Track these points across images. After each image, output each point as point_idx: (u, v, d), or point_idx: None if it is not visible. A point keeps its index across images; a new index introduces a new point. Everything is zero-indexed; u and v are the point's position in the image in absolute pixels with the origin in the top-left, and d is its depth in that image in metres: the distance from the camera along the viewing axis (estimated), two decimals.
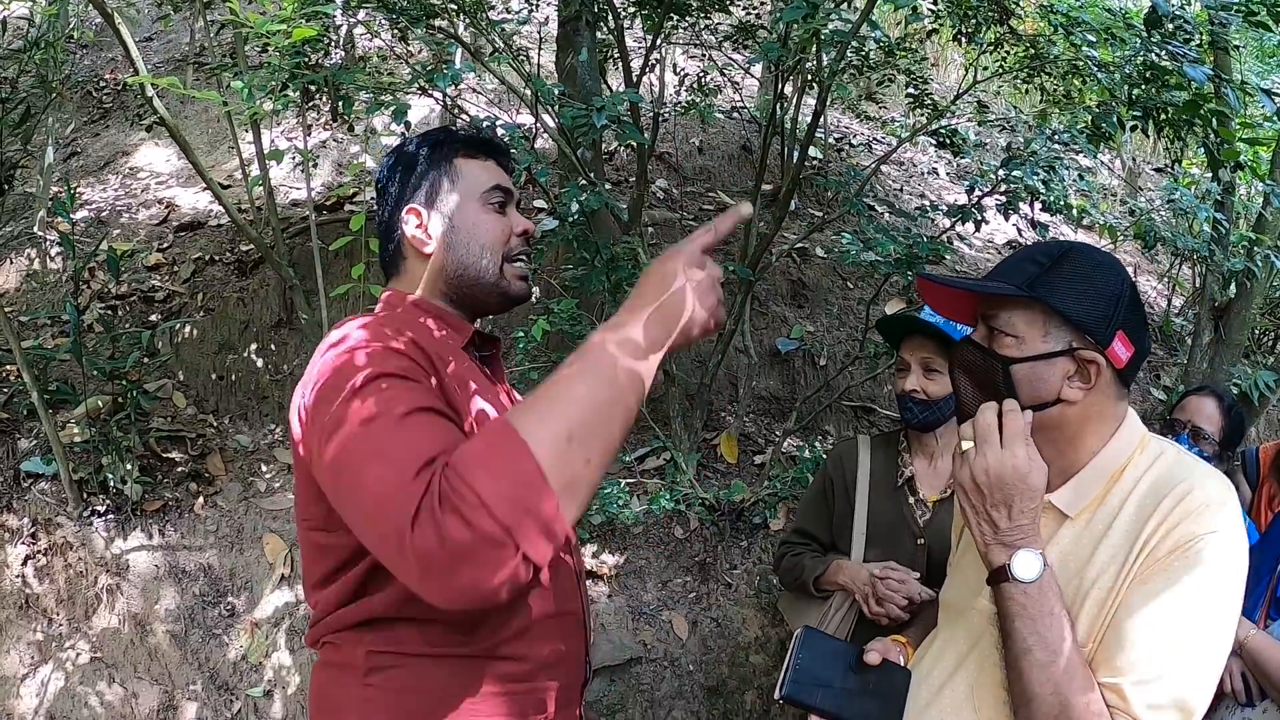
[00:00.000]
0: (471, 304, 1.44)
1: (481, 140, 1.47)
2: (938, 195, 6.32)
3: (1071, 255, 1.28)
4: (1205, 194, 3.90)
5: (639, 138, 2.95)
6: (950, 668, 1.37)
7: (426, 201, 1.41)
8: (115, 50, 6.52)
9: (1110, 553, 1.21)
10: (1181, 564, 1.14)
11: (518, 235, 1.44)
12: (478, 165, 1.44)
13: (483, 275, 1.41)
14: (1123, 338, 1.24)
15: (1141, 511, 1.20)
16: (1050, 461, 1.25)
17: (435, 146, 1.44)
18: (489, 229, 1.41)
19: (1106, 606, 1.19)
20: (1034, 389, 1.25)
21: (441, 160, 1.43)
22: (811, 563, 2.22)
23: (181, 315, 4.47)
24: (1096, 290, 1.24)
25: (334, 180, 5.47)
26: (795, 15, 2.68)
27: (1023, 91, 5.15)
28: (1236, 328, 4.08)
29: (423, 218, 1.41)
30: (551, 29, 4.93)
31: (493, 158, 1.47)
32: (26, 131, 4.31)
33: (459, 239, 1.40)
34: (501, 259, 1.42)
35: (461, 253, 1.40)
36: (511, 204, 1.46)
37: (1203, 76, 2.87)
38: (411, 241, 1.41)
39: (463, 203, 1.41)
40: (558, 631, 1.33)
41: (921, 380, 2.10)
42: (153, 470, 3.65)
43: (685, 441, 3.90)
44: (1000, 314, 1.28)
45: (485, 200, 1.42)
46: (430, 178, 1.42)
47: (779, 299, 4.90)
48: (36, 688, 3.17)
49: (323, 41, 3.47)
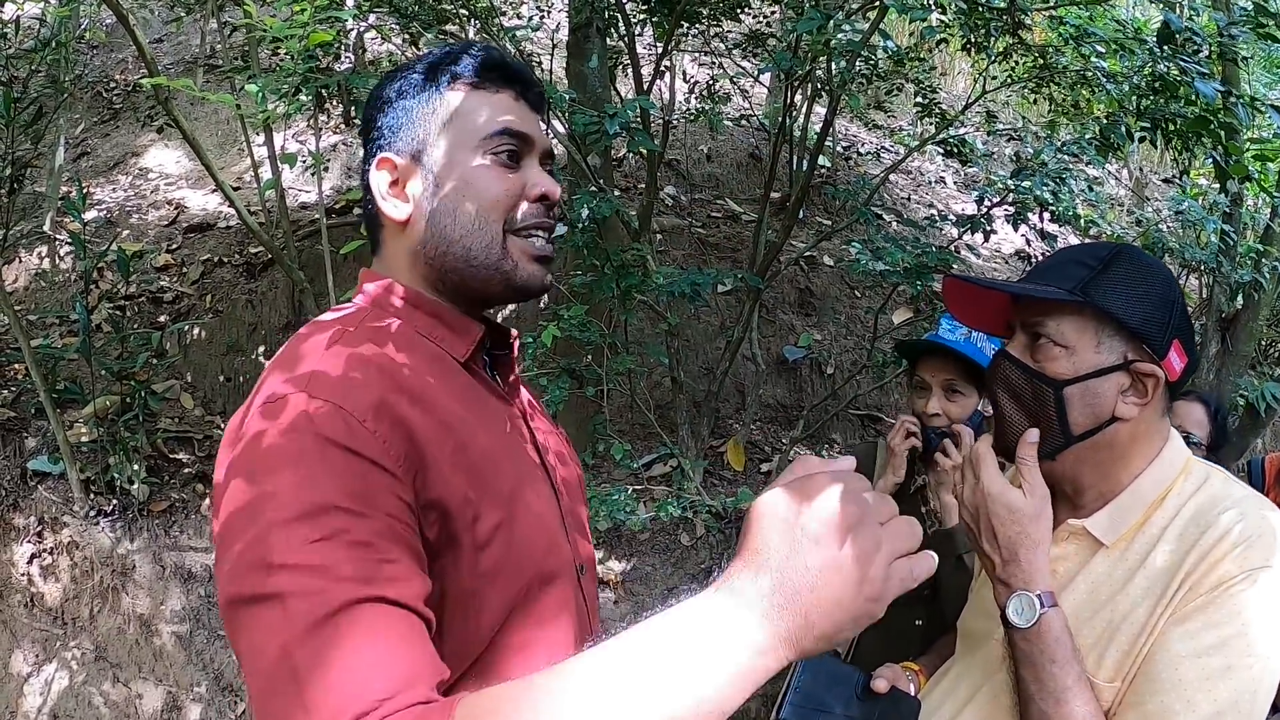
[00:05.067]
0: (467, 294, 1.02)
1: (492, 63, 1.02)
2: (946, 204, 6.32)
3: (1123, 257, 1.15)
4: (1213, 205, 3.90)
5: (651, 145, 2.96)
6: (963, 700, 1.27)
7: (405, 149, 1.00)
8: (126, 51, 6.54)
9: (1146, 585, 1.09)
10: (1225, 602, 1.02)
11: (532, 200, 1.01)
12: (481, 98, 1.00)
13: (474, 254, 0.98)
14: (1178, 347, 1.13)
15: (1183, 542, 1.08)
16: (1091, 485, 1.17)
17: (428, 71, 1.02)
18: (486, 187, 0.98)
19: (1139, 644, 1.06)
20: (1088, 409, 1.13)
21: (430, 88, 1.01)
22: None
23: (190, 316, 4.48)
24: (1153, 295, 1.12)
25: (344, 184, 5.48)
26: (809, 26, 2.69)
27: (1031, 101, 5.16)
28: (1244, 339, 4.08)
29: (397, 172, 1.00)
30: (563, 35, 4.94)
31: (508, 88, 1.02)
32: (38, 131, 4.32)
33: (444, 204, 0.98)
34: (503, 229, 0.99)
35: (445, 223, 0.98)
36: (531, 156, 1.02)
37: (1213, 93, 2.87)
38: (381, 205, 1.00)
39: (452, 149, 0.98)
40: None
41: (943, 403, 1.99)
42: (160, 471, 3.66)
43: (692, 449, 3.90)
44: (1047, 321, 1.14)
45: (486, 147, 0.98)
46: (413, 115, 1.00)
47: (787, 307, 4.91)
48: (41, 686, 3.17)
49: (335, 46, 3.48)
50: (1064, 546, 1.19)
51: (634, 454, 3.98)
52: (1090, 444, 1.14)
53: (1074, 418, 1.13)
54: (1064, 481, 1.20)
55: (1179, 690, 1.01)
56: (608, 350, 3.71)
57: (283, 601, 0.72)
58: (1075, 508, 1.21)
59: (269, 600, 0.72)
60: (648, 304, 3.53)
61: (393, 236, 1.02)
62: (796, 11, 3.23)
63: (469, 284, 1.00)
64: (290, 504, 0.75)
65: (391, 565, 0.76)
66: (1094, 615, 1.11)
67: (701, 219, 5.37)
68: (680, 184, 5.75)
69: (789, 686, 1.37)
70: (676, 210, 5.45)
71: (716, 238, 5.25)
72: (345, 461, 0.79)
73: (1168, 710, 1.01)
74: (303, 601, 0.71)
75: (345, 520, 0.75)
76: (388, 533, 0.78)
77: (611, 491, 3.51)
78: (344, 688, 0.68)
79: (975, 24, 3.63)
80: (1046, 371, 1.15)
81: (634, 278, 3.16)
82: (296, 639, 0.70)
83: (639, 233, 3.60)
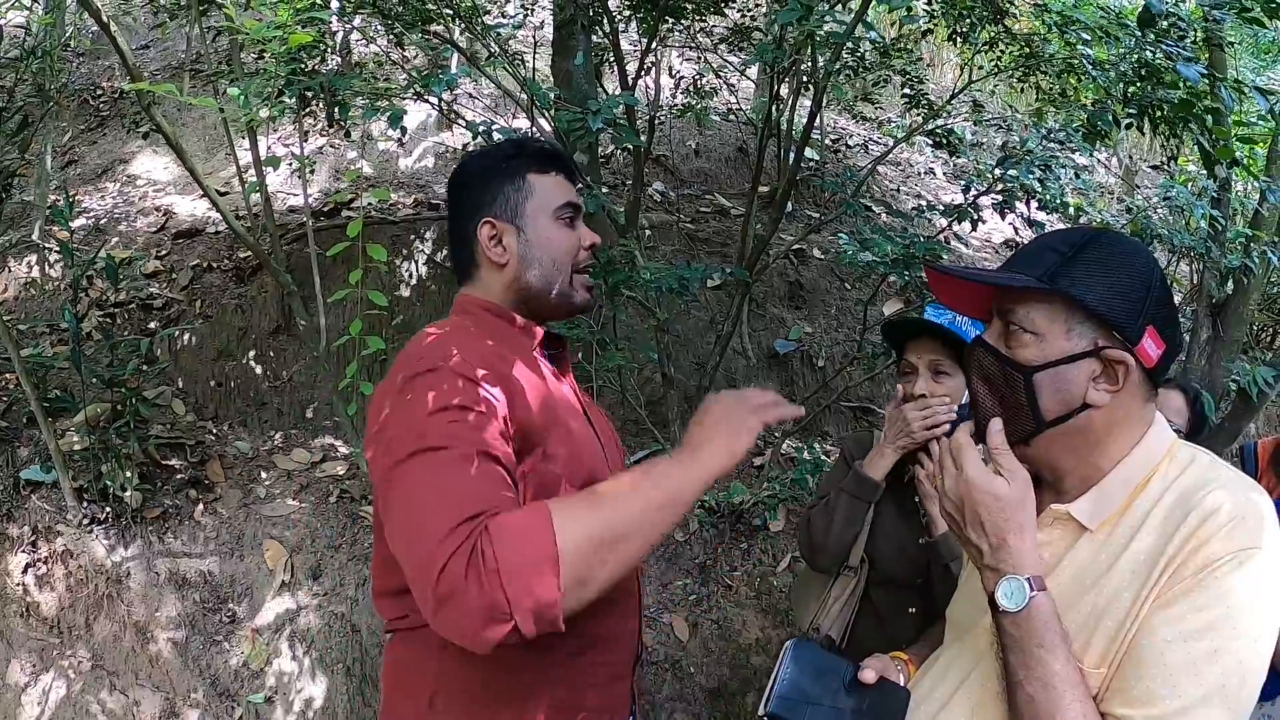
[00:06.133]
0: (539, 312, 1.51)
1: (551, 154, 1.53)
2: (934, 195, 6.33)
3: (1096, 243, 1.15)
4: (1201, 191, 3.89)
5: (636, 140, 2.96)
6: (952, 687, 1.27)
7: (501, 215, 1.47)
8: (112, 58, 6.53)
9: (1130, 570, 1.09)
10: (1210, 584, 1.01)
11: (585, 249, 1.51)
12: (550, 181, 1.50)
13: (555, 288, 1.48)
14: (1153, 333, 1.13)
15: (1167, 524, 1.08)
16: (1070, 470, 1.18)
17: (508, 160, 1.50)
18: (561, 244, 1.48)
19: (1124, 629, 1.07)
20: (1058, 395, 1.14)
21: (515, 175, 1.49)
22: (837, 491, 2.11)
23: (180, 322, 4.47)
24: (1124, 281, 1.12)
25: (331, 186, 5.47)
26: (791, 17, 2.68)
27: (1018, 90, 5.16)
28: (1234, 324, 4.08)
29: (498, 230, 1.47)
30: (547, 33, 4.94)
31: (561, 172, 1.53)
32: (24, 140, 4.31)
33: (534, 254, 1.47)
34: (571, 272, 1.49)
35: (536, 268, 1.47)
36: (579, 216, 1.52)
37: (1196, 76, 2.87)
38: (486, 253, 1.47)
39: (537, 218, 1.47)
40: (616, 610, 1.44)
41: (930, 384, 1.99)
42: (152, 477, 3.65)
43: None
44: (1017, 309, 1.16)
45: (558, 215, 1.48)
46: (505, 192, 1.48)
47: (777, 300, 4.91)
48: (38, 696, 3.17)
49: (319, 47, 3.47)
50: (1048, 532, 1.20)
51: (625, 450, 3.97)
52: (1063, 430, 1.15)
53: (1045, 404, 1.14)
54: (1042, 467, 1.21)
55: (1165, 675, 1.01)
56: (597, 346, 3.71)
57: (435, 452, 1.16)
58: (1058, 493, 1.21)
59: (425, 452, 1.17)
60: (637, 300, 3.53)
61: (491, 273, 1.49)
62: (780, 3, 3.22)
63: (545, 306, 1.50)
64: (433, 404, 1.21)
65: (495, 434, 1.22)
66: (1079, 599, 1.12)
67: (690, 214, 5.37)
68: (668, 179, 5.75)
69: (776, 678, 1.35)
70: (665, 206, 5.45)
71: (705, 232, 5.25)
72: (466, 386, 1.24)
73: (1153, 695, 1.01)
74: (446, 453, 1.16)
75: (468, 418, 1.21)
76: (495, 426, 1.23)
77: None
78: (463, 498, 1.12)
79: (959, 14, 3.63)
80: (1017, 358, 1.16)
81: (621, 274, 3.16)
82: (439, 468, 1.15)
83: (626, 229, 3.59)
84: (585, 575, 1.09)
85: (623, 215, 3.62)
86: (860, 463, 2.11)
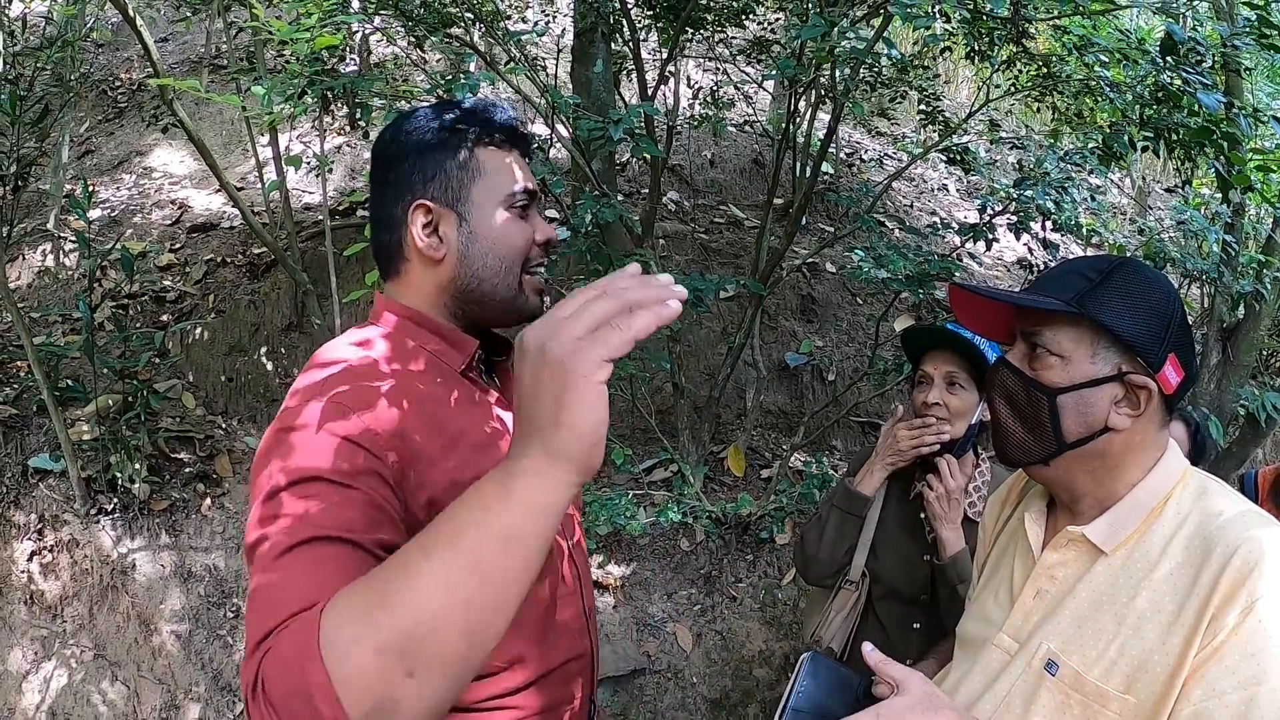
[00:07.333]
0: (478, 318, 1.23)
1: (508, 126, 1.24)
2: (948, 211, 6.33)
3: (1123, 270, 1.17)
4: (1215, 216, 3.90)
5: (655, 151, 2.96)
6: (964, 706, 1.25)
7: (439, 197, 1.18)
8: (131, 50, 6.56)
9: (1155, 598, 1.09)
10: (1253, 628, 1.00)
11: (539, 245, 1.23)
12: (502, 159, 1.22)
13: (498, 290, 1.20)
14: (1174, 361, 1.15)
15: (1190, 558, 1.08)
16: (1087, 492, 1.19)
17: (453, 130, 1.20)
18: (512, 239, 1.20)
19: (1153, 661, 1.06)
20: (1081, 418, 1.16)
21: (460, 148, 1.19)
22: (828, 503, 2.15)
23: (193, 316, 4.49)
24: (1149, 308, 1.15)
25: (347, 185, 5.49)
26: (813, 34, 2.69)
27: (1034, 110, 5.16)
28: (1244, 349, 4.08)
29: (434, 216, 1.18)
30: (567, 40, 4.95)
31: (516, 149, 1.25)
32: (43, 129, 4.33)
33: (477, 249, 1.18)
34: (521, 272, 1.21)
35: (478, 265, 1.19)
36: (534, 205, 1.24)
37: (1216, 104, 2.87)
38: (417, 244, 1.18)
39: (484, 205, 1.19)
40: (559, 680, 1.20)
41: (944, 395, 1.98)
42: (161, 470, 3.66)
43: (693, 454, 3.91)
44: (1044, 331, 1.18)
45: (509, 203, 1.20)
46: (447, 169, 1.19)
47: (789, 314, 4.91)
48: (39, 684, 3.17)
49: (340, 48, 3.49)
50: (1062, 553, 1.21)
51: (634, 458, 3.98)
52: (1082, 452, 1.17)
53: (1067, 425, 1.16)
54: (1058, 488, 1.23)
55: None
56: None
57: (268, 542, 0.91)
58: (1073, 515, 1.23)
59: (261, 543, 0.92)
60: None
61: (423, 268, 1.20)
62: (801, 18, 3.23)
63: (485, 312, 1.22)
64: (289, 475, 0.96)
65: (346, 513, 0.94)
66: (1097, 616, 1.13)
67: (704, 225, 5.38)
68: (683, 189, 5.76)
69: (791, 691, 1.36)
70: (679, 216, 5.46)
71: (719, 243, 5.26)
72: (339, 450, 0.98)
73: None
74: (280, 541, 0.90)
75: (322, 492, 0.94)
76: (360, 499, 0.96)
77: (611, 496, 3.51)
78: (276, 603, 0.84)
79: (979, 32, 3.64)
80: (1041, 379, 1.18)
81: None
82: (265, 562, 0.89)
83: (642, 238, 3.60)
84: (383, 698, 0.73)
85: (639, 225, 3.62)
86: (851, 478, 2.13)
